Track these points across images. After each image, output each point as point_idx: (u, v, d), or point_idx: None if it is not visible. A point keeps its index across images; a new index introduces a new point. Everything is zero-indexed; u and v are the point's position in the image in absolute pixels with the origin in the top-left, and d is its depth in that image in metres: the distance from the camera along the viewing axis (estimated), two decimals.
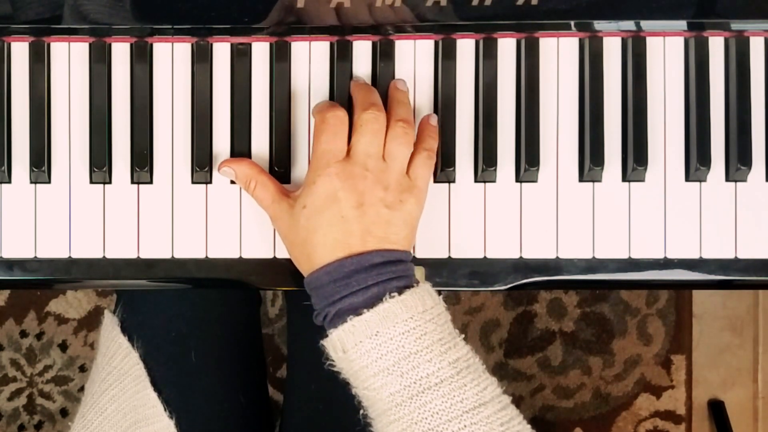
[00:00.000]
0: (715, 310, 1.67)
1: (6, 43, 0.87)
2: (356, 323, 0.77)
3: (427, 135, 0.86)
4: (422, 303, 0.78)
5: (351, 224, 0.79)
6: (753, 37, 0.89)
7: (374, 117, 0.82)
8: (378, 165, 0.81)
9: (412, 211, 0.82)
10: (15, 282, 0.89)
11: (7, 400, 1.65)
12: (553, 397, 1.67)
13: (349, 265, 0.78)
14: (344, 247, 0.79)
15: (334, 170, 0.80)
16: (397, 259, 0.80)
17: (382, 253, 0.79)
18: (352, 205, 0.79)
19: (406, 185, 0.82)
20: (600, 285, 0.91)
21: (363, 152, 0.81)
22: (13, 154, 0.88)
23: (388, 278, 0.79)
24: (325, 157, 0.81)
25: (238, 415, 0.99)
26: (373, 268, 0.78)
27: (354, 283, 0.78)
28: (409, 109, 0.86)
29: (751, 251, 0.89)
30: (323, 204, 0.80)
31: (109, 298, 1.63)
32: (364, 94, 0.84)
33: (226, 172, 0.86)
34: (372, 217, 0.80)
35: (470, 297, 1.64)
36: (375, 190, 0.80)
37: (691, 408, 1.68)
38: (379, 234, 0.80)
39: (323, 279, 0.79)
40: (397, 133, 0.82)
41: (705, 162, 0.88)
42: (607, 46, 0.89)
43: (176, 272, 0.88)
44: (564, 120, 0.89)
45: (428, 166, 0.84)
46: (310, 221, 0.80)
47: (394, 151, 0.82)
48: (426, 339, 0.77)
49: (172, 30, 0.87)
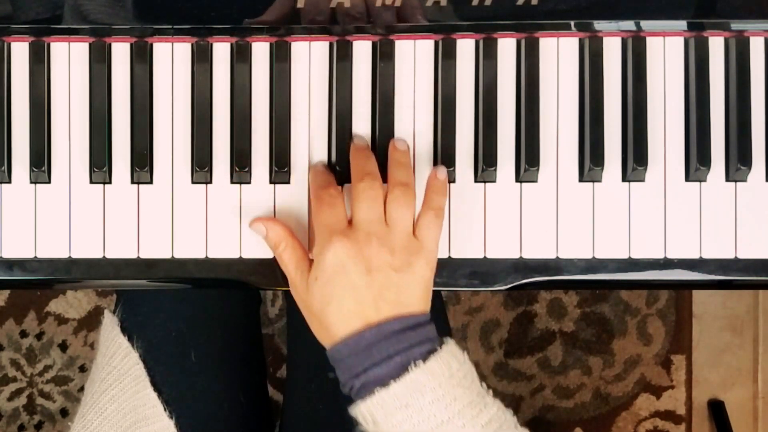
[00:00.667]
0: (715, 310, 1.67)
1: (6, 43, 0.87)
2: (385, 396, 0.76)
3: (434, 192, 0.85)
4: (448, 368, 0.77)
5: (363, 292, 0.79)
6: (753, 37, 0.89)
7: (368, 185, 0.82)
8: (381, 229, 0.81)
9: (423, 273, 0.81)
10: (15, 282, 0.89)
11: (7, 400, 1.65)
12: (553, 397, 1.67)
13: (368, 337, 0.78)
14: (360, 317, 0.79)
15: (338, 240, 0.80)
16: (416, 324, 0.79)
17: (400, 320, 0.79)
18: (360, 272, 0.79)
19: (413, 247, 0.81)
20: (600, 285, 0.91)
21: (364, 219, 0.81)
22: (13, 154, 0.88)
23: (410, 345, 0.78)
24: (328, 229, 0.81)
25: (238, 415, 0.99)
26: (392, 336, 0.78)
27: (376, 354, 0.78)
28: (409, 170, 0.85)
29: (751, 251, 0.89)
30: (333, 274, 0.80)
31: (109, 298, 1.63)
32: (359, 163, 0.84)
33: (257, 229, 0.86)
34: (382, 282, 0.79)
35: (470, 297, 1.64)
36: (381, 254, 0.80)
37: (691, 408, 1.68)
38: (392, 299, 0.79)
39: (344, 352, 0.79)
40: (395, 196, 0.82)
41: (705, 162, 0.88)
42: (607, 46, 0.89)
43: (176, 272, 0.88)
44: (564, 120, 0.89)
45: (436, 225, 0.83)
46: (323, 292, 0.80)
47: (394, 215, 0.82)
48: (456, 404, 0.76)
49: (172, 30, 0.87)
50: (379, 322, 0.78)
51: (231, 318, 1.03)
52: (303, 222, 0.88)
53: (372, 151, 0.87)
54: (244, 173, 0.87)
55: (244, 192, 0.88)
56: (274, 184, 0.88)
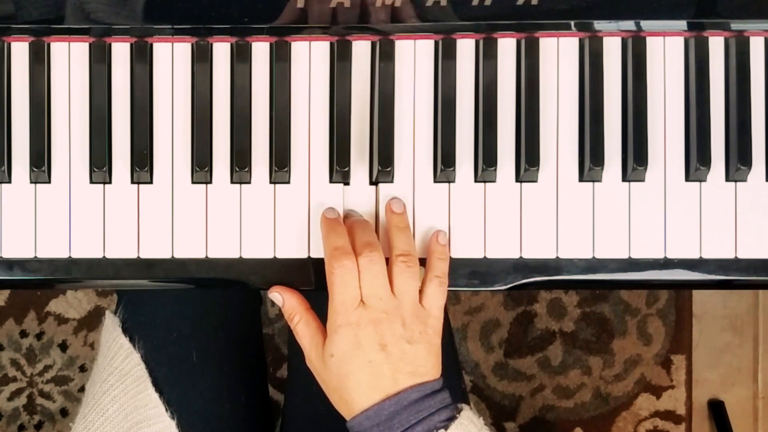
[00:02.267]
0: (715, 310, 1.67)
1: (6, 43, 0.87)
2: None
3: (437, 258, 0.86)
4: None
5: (380, 367, 0.81)
6: (753, 37, 0.89)
7: (370, 260, 0.82)
8: (390, 303, 0.82)
9: (432, 340, 0.83)
10: (15, 282, 0.89)
11: (7, 400, 1.65)
12: (553, 397, 1.67)
13: (388, 407, 0.80)
14: (378, 390, 0.80)
15: (353, 319, 0.81)
16: (432, 391, 0.81)
17: (417, 389, 0.80)
18: (375, 349, 0.81)
19: (421, 316, 0.83)
20: (600, 285, 0.91)
21: (373, 296, 0.82)
22: (13, 154, 0.88)
23: (430, 413, 0.80)
24: (342, 307, 0.82)
25: (238, 415, 0.99)
26: (412, 406, 0.80)
27: (397, 425, 0.79)
28: (409, 236, 0.86)
29: (751, 251, 0.89)
30: (349, 352, 0.81)
31: (110, 298, 1.63)
32: (357, 234, 0.84)
33: (275, 297, 0.87)
34: (398, 355, 0.81)
35: (470, 297, 1.64)
36: (394, 329, 0.81)
37: (691, 408, 1.68)
38: (409, 370, 0.81)
39: (365, 424, 0.80)
40: (400, 269, 0.83)
41: (705, 162, 0.88)
42: (607, 46, 0.89)
43: (176, 272, 0.88)
44: (564, 120, 0.89)
45: (441, 293, 0.85)
46: (340, 369, 0.82)
47: (401, 288, 0.83)
48: None
49: (172, 30, 0.87)
50: (398, 393, 0.80)
51: (232, 318, 1.03)
52: (303, 223, 0.88)
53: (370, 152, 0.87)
54: (244, 173, 0.87)
55: (244, 192, 0.88)
56: (274, 184, 0.88)
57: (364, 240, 0.84)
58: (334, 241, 0.84)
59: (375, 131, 0.88)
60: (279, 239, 0.88)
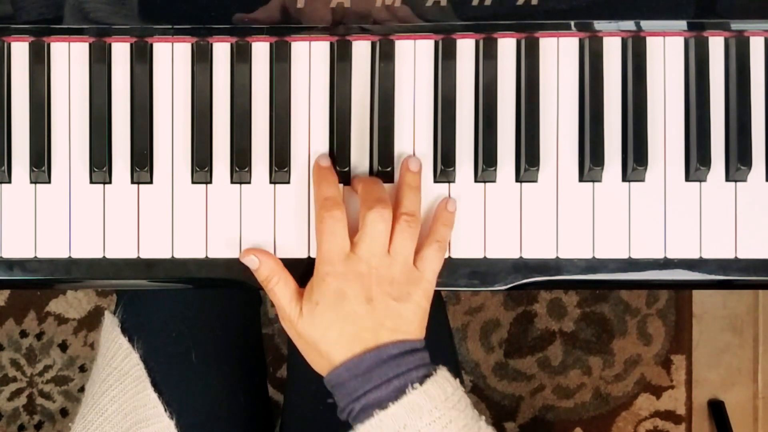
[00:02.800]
0: (715, 310, 1.67)
1: (6, 43, 0.87)
2: (383, 417, 0.78)
3: (442, 224, 0.86)
4: (443, 391, 0.79)
5: (363, 319, 0.80)
6: (753, 37, 0.89)
7: (380, 216, 0.82)
8: (382, 261, 0.82)
9: (420, 302, 0.82)
10: (15, 282, 0.89)
11: (7, 400, 1.65)
12: (553, 397, 1.67)
13: (367, 360, 0.80)
14: (360, 341, 0.80)
15: (340, 269, 0.81)
16: (412, 349, 0.81)
17: (397, 345, 0.80)
18: (361, 301, 0.80)
19: (413, 278, 0.82)
20: (600, 285, 0.91)
21: (367, 251, 0.81)
22: (13, 154, 0.88)
23: (408, 369, 0.80)
24: (330, 255, 0.82)
25: (238, 415, 0.99)
26: (391, 360, 0.80)
27: (375, 377, 0.79)
28: (418, 197, 0.85)
29: (751, 251, 0.89)
30: (334, 300, 0.81)
31: (109, 298, 1.63)
32: (368, 189, 0.84)
33: (250, 261, 0.85)
34: (382, 311, 0.81)
35: (470, 297, 1.64)
36: (382, 285, 0.81)
37: (691, 408, 1.68)
38: (391, 326, 0.81)
39: (344, 375, 0.80)
40: (401, 227, 0.83)
41: (705, 162, 0.88)
42: (607, 46, 0.89)
43: (176, 272, 0.88)
44: (564, 120, 0.89)
45: (438, 258, 0.84)
46: (324, 317, 0.81)
47: (398, 246, 0.82)
48: (452, 427, 0.78)
49: (172, 30, 0.87)
50: (378, 347, 0.80)
51: (231, 318, 1.03)
52: (303, 223, 0.88)
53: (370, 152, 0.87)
54: (244, 173, 0.87)
55: (244, 192, 0.88)
56: (274, 184, 0.88)
57: (376, 195, 0.83)
58: (325, 191, 0.84)
59: (375, 131, 0.88)
60: (279, 239, 0.88)
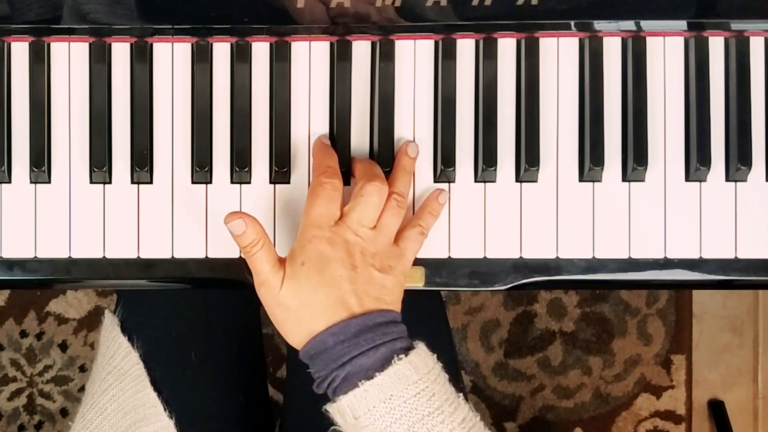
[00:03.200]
0: (715, 310, 1.67)
1: (6, 43, 0.87)
2: (368, 388, 0.76)
3: (429, 212, 0.87)
4: (425, 364, 0.79)
5: (348, 284, 0.80)
6: (753, 37, 0.89)
7: (378, 189, 0.82)
8: (368, 233, 0.82)
9: (398, 278, 0.83)
10: (15, 282, 0.89)
11: (7, 400, 1.65)
12: (553, 397, 1.67)
13: (354, 325, 0.78)
14: (344, 307, 0.79)
15: (327, 233, 0.81)
16: (394, 320, 0.81)
17: (382, 314, 0.80)
18: (346, 266, 0.80)
19: (394, 253, 0.83)
20: (600, 285, 0.91)
21: (356, 221, 0.82)
22: (13, 154, 0.88)
23: (393, 338, 0.79)
24: (320, 219, 0.82)
25: (238, 415, 0.99)
26: (378, 328, 0.79)
27: (363, 342, 0.78)
28: (410, 181, 0.87)
29: (751, 251, 0.89)
30: (319, 262, 0.80)
31: (109, 298, 1.63)
32: (368, 166, 0.85)
33: (237, 225, 0.82)
34: (366, 278, 0.81)
35: (470, 297, 1.64)
36: (365, 255, 0.81)
37: (691, 408, 1.68)
38: (375, 294, 0.81)
39: (328, 341, 0.79)
40: (392, 204, 0.84)
41: (705, 162, 0.88)
42: (607, 46, 0.89)
43: (176, 272, 0.88)
44: (564, 120, 0.89)
45: (419, 241, 0.85)
46: (310, 279, 0.80)
47: (386, 221, 0.83)
48: (436, 400, 0.77)
49: (172, 30, 0.87)
50: (364, 313, 0.79)
51: (231, 318, 1.03)
52: None
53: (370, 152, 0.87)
54: (244, 173, 0.87)
55: (244, 192, 0.88)
56: (274, 184, 0.88)
57: (376, 172, 0.84)
58: (327, 161, 0.85)
59: (375, 131, 0.88)
60: (279, 239, 0.88)
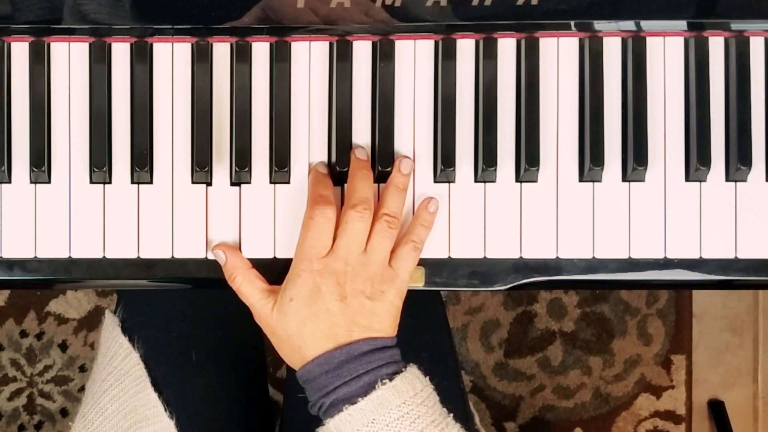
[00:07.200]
0: (715, 310, 1.67)
1: (6, 43, 0.87)
2: (352, 412, 0.79)
3: (420, 224, 0.87)
4: (412, 387, 0.80)
5: (336, 316, 0.81)
6: (753, 37, 0.89)
7: (359, 216, 0.83)
8: (359, 259, 0.83)
9: (393, 301, 0.84)
10: (15, 282, 0.89)
11: (7, 400, 1.65)
12: (553, 397, 1.67)
13: (338, 356, 0.81)
14: (332, 338, 0.81)
15: (317, 266, 0.82)
16: (384, 346, 0.82)
17: (369, 342, 0.81)
18: (335, 298, 0.81)
19: (387, 276, 0.84)
20: (600, 285, 0.91)
21: (345, 249, 0.83)
22: (13, 154, 0.88)
23: (378, 365, 0.81)
24: (310, 252, 0.83)
25: (238, 415, 0.99)
26: (362, 357, 0.81)
27: (345, 372, 0.80)
28: (403, 199, 0.87)
29: (751, 251, 0.89)
30: (309, 298, 0.82)
31: (110, 298, 1.63)
32: (354, 186, 0.85)
33: (217, 256, 0.87)
34: (355, 308, 0.82)
35: (470, 297, 1.64)
36: (356, 283, 0.82)
37: (691, 408, 1.68)
38: (364, 323, 0.82)
39: (315, 371, 0.81)
40: (381, 227, 0.84)
41: (705, 162, 0.88)
42: (607, 46, 0.89)
43: (176, 272, 0.88)
44: (564, 120, 0.89)
45: (413, 258, 0.86)
46: (298, 313, 0.82)
47: (376, 245, 0.84)
48: (420, 422, 0.79)
49: (172, 30, 0.87)
50: (350, 343, 0.81)
51: (231, 318, 1.03)
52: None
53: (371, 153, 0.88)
54: (244, 173, 0.87)
55: (244, 192, 0.88)
56: (274, 184, 0.88)
57: (362, 195, 0.84)
58: (321, 190, 0.85)
59: (375, 131, 0.88)
60: (279, 239, 0.88)
